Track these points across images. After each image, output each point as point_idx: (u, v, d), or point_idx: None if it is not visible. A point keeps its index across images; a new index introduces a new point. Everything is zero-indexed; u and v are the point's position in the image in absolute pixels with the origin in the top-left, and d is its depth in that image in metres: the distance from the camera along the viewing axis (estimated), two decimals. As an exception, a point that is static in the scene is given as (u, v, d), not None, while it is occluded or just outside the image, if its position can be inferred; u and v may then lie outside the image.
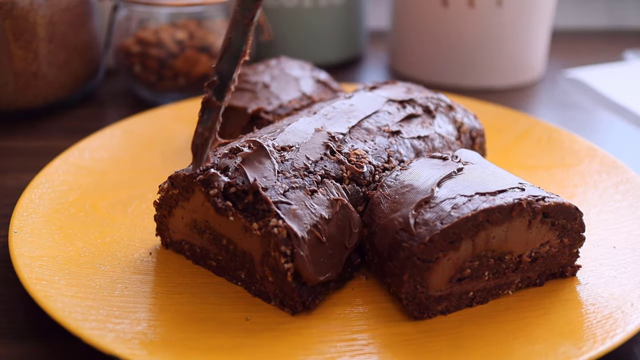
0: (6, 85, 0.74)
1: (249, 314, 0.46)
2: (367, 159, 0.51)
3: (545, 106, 0.89)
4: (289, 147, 0.50)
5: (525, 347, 0.43)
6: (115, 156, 0.66)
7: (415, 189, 0.48)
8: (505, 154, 0.69)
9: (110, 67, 0.93)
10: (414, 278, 0.45)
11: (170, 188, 0.50)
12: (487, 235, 0.46)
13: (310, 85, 0.68)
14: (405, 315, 0.46)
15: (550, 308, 0.47)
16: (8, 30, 0.72)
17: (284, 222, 0.44)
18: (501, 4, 0.86)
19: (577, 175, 0.64)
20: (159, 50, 0.80)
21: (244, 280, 0.49)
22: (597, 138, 0.80)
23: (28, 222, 0.53)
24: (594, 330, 0.44)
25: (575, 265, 0.50)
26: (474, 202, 0.45)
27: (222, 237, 0.48)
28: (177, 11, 0.81)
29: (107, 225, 0.55)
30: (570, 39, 1.15)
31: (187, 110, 0.76)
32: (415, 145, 0.55)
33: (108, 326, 0.43)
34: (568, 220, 0.48)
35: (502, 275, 0.48)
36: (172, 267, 0.51)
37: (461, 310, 0.47)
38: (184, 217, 0.51)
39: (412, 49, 0.94)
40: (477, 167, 0.50)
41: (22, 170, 0.67)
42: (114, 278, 0.49)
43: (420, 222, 0.45)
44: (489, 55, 0.90)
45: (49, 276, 0.47)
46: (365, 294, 0.49)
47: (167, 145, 0.70)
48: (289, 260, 0.44)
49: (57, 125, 0.78)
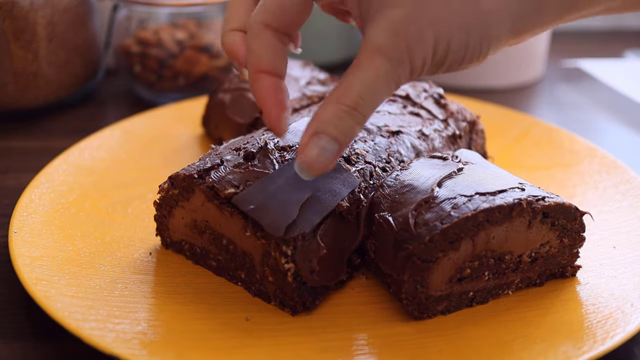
0: (6, 85, 0.74)
1: (249, 314, 0.46)
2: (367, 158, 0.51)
3: (545, 106, 0.89)
4: (289, 147, 0.50)
5: (525, 347, 0.43)
6: (115, 156, 0.66)
7: (415, 189, 0.48)
8: (505, 154, 0.69)
9: (110, 67, 0.93)
10: (414, 278, 0.45)
11: (170, 188, 0.50)
12: (487, 235, 0.46)
13: (310, 86, 0.68)
14: (405, 315, 0.46)
15: (550, 308, 0.47)
16: (8, 30, 0.72)
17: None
18: (501, 4, 0.86)
19: (577, 175, 0.64)
20: (159, 50, 0.80)
21: (244, 280, 0.49)
22: (597, 138, 0.80)
23: (28, 222, 0.53)
24: (594, 330, 0.44)
25: (575, 266, 0.50)
26: (474, 202, 0.45)
27: (222, 237, 0.48)
28: (177, 11, 0.81)
29: (107, 225, 0.55)
30: (570, 39, 1.15)
31: (187, 110, 0.76)
32: (416, 145, 0.55)
33: (108, 326, 0.43)
34: (568, 221, 0.48)
35: (502, 275, 0.48)
36: (172, 267, 0.51)
37: (461, 310, 0.47)
38: (184, 217, 0.51)
39: (412, 49, 0.94)
40: (477, 167, 0.50)
41: (22, 170, 0.67)
42: (114, 278, 0.49)
43: (420, 222, 0.45)
44: (489, 55, 0.90)
45: (49, 276, 0.47)
46: (365, 294, 0.49)
47: (167, 145, 0.70)
48: (290, 260, 0.44)
49: (57, 125, 0.78)
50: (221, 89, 0.70)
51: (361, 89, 0.40)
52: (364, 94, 0.40)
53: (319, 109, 0.42)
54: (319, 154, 0.41)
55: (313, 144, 0.41)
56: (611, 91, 0.93)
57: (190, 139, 0.72)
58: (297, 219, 0.44)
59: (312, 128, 0.42)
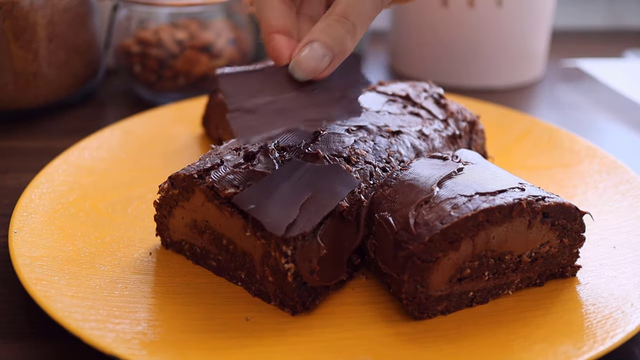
0: (6, 85, 0.74)
1: (249, 314, 0.46)
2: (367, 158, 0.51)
3: (545, 106, 0.89)
4: (289, 147, 0.50)
5: (525, 347, 0.43)
6: (115, 156, 0.66)
7: (415, 189, 0.48)
8: (505, 154, 0.69)
9: (110, 67, 0.93)
10: (414, 278, 0.45)
11: (170, 188, 0.50)
12: (487, 235, 0.46)
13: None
14: (405, 315, 0.46)
15: (550, 308, 0.47)
16: (8, 30, 0.72)
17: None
18: (501, 4, 0.86)
19: (577, 175, 0.64)
20: (159, 50, 0.80)
21: (244, 280, 0.49)
22: (597, 138, 0.80)
23: (28, 222, 0.53)
24: (594, 330, 0.44)
25: (575, 266, 0.50)
26: (474, 202, 0.45)
27: (222, 237, 0.48)
28: (177, 11, 0.81)
29: (107, 225, 0.55)
30: (570, 39, 1.15)
31: (187, 110, 0.76)
32: (416, 145, 0.55)
33: (108, 326, 0.43)
34: (568, 221, 0.48)
35: (502, 275, 0.48)
36: (172, 267, 0.51)
37: (461, 310, 0.47)
38: (184, 217, 0.51)
39: (412, 49, 0.94)
40: (477, 167, 0.50)
41: (22, 170, 0.67)
42: (114, 278, 0.49)
43: (420, 222, 0.45)
44: (489, 55, 0.90)
45: (49, 276, 0.47)
46: (365, 294, 0.49)
47: (167, 145, 0.70)
48: (290, 260, 0.44)
49: (57, 125, 0.78)
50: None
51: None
52: (351, 1, 0.45)
53: (315, 25, 0.46)
54: (311, 57, 0.46)
55: (306, 50, 0.46)
56: (611, 91, 0.93)
57: (190, 139, 0.72)
58: (297, 219, 0.44)
59: (306, 39, 0.46)
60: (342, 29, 0.46)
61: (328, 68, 0.47)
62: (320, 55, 0.46)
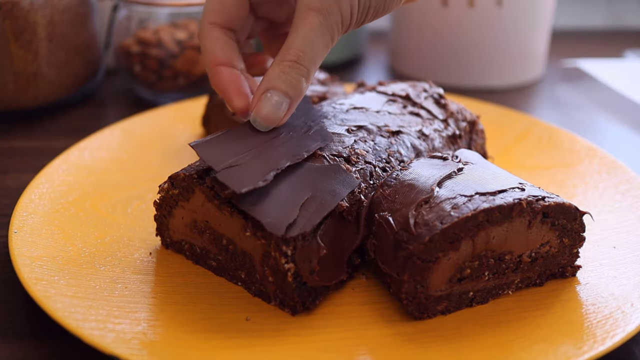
0: (6, 85, 0.74)
1: (249, 314, 0.46)
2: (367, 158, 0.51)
3: (545, 106, 0.89)
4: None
5: (525, 347, 0.43)
6: (115, 156, 0.66)
7: (415, 189, 0.48)
8: (505, 154, 0.69)
9: (110, 67, 0.93)
10: (414, 278, 0.45)
11: (170, 188, 0.50)
12: (487, 235, 0.46)
13: (310, 85, 0.68)
14: (405, 315, 0.46)
15: (550, 308, 0.47)
16: (8, 30, 0.72)
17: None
18: (501, 4, 0.86)
19: (577, 175, 0.64)
20: (159, 50, 0.80)
21: (244, 280, 0.49)
22: (597, 138, 0.80)
23: (28, 222, 0.53)
24: (594, 330, 0.44)
25: (575, 266, 0.50)
26: (474, 202, 0.45)
27: (222, 237, 0.48)
28: (177, 11, 0.81)
29: (107, 225, 0.55)
30: (570, 39, 1.15)
31: (187, 110, 0.76)
32: (416, 145, 0.55)
33: (108, 326, 0.43)
34: (568, 221, 0.48)
35: (502, 275, 0.48)
36: (172, 267, 0.51)
37: (461, 310, 0.47)
38: (184, 217, 0.51)
39: (412, 49, 0.94)
40: (477, 167, 0.50)
41: (22, 170, 0.67)
42: (114, 278, 0.49)
43: (420, 222, 0.45)
44: (489, 55, 0.90)
45: (49, 276, 0.47)
46: (365, 294, 0.49)
47: (167, 145, 0.70)
48: (290, 260, 0.44)
49: (57, 125, 0.78)
50: (221, 89, 0.70)
51: (300, 44, 0.46)
52: (303, 47, 0.46)
53: (267, 71, 0.47)
54: (271, 107, 0.47)
55: (265, 100, 0.47)
56: (611, 91, 0.93)
57: (190, 139, 0.72)
58: (297, 219, 0.44)
59: (262, 87, 0.47)
60: (297, 75, 0.47)
61: (287, 113, 0.49)
62: (278, 103, 0.47)
